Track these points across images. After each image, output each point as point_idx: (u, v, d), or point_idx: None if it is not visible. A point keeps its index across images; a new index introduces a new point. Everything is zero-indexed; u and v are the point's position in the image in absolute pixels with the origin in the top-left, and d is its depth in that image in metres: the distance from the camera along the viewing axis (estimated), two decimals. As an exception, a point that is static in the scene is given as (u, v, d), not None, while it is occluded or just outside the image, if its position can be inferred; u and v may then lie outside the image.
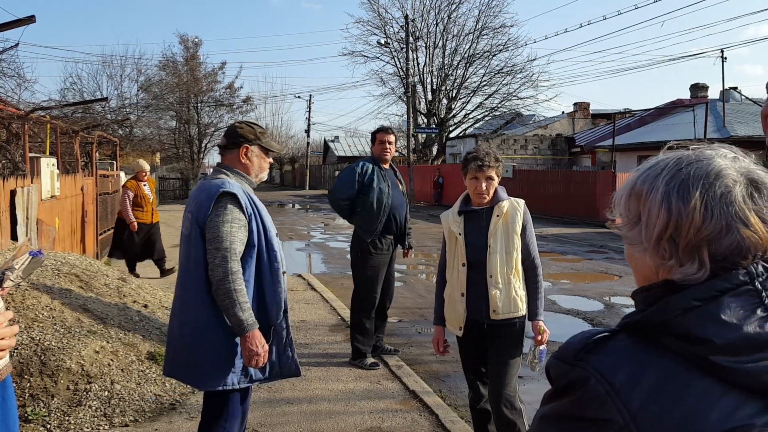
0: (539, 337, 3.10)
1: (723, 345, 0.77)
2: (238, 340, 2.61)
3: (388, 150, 5.18)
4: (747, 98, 25.80)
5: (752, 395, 0.77)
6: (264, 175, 2.93)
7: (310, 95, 50.55)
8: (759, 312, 0.78)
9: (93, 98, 24.03)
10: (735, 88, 27.30)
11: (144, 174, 9.20)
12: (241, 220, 2.63)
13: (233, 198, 2.63)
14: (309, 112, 51.06)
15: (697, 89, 29.64)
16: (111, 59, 30.38)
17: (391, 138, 5.21)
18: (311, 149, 53.97)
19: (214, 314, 2.61)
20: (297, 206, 29.42)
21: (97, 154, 12.45)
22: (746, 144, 17.85)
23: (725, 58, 23.58)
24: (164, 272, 9.23)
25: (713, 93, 28.09)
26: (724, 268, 0.82)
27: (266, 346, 2.61)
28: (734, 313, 0.78)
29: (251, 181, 2.85)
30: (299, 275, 9.48)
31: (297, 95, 63.48)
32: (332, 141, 57.49)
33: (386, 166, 5.21)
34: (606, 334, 0.86)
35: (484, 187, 3.09)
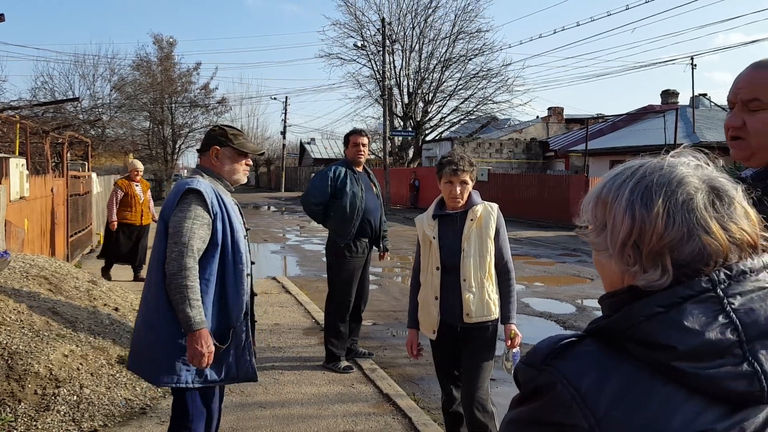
0: (509, 342, 3.13)
1: (685, 351, 0.78)
2: None
3: (362, 153, 5.17)
4: (716, 105, 26.39)
5: (714, 401, 0.78)
6: (238, 177, 2.91)
7: (286, 97, 50.34)
8: (720, 318, 0.79)
9: (65, 98, 23.61)
10: (704, 95, 27.92)
11: (137, 173, 9.06)
12: (204, 217, 2.63)
13: (198, 195, 2.64)
14: (285, 113, 50.69)
15: (668, 95, 30.24)
16: (83, 58, 30.02)
17: (365, 140, 5.20)
18: (287, 151, 53.76)
19: (170, 310, 2.60)
20: (272, 208, 29.25)
21: (69, 154, 12.23)
22: (714, 150, 18.22)
23: (695, 65, 24.11)
24: (138, 279, 8.95)
25: (683, 99, 28.68)
26: (686, 275, 0.83)
27: (212, 347, 2.58)
28: (696, 319, 0.79)
29: (226, 182, 2.85)
30: (273, 278, 9.43)
31: (273, 97, 63.08)
32: (308, 143, 57.29)
33: (360, 169, 5.20)
34: (573, 339, 0.87)
35: (459, 191, 3.11)
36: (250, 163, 2.96)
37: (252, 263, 3.01)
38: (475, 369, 3.13)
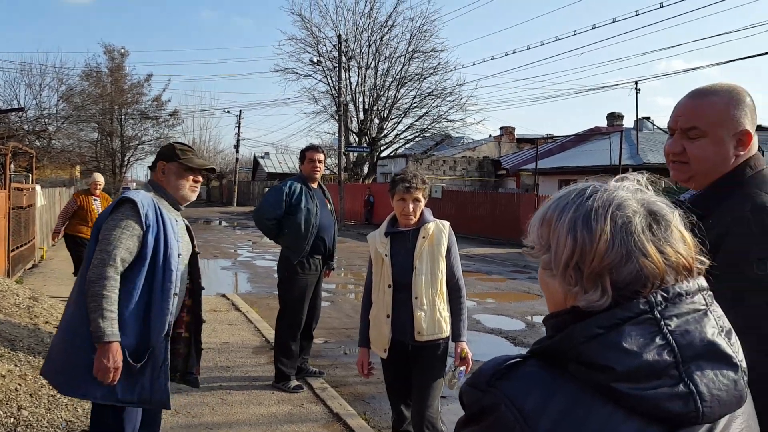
0: (458, 361, 3.16)
1: (623, 372, 0.79)
2: None
3: (318, 169, 5.14)
4: (658, 128, 27.45)
5: (652, 422, 0.80)
6: (184, 193, 2.85)
7: (240, 110, 49.83)
8: (657, 340, 0.81)
9: (9, 107, 22.76)
10: (648, 118, 29.03)
11: (96, 187, 8.58)
12: (135, 228, 2.57)
13: (132, 206, 2.59)
14: (238, 127, 50.14)
15: (614, 118, 31.33)
16: (30, 67, 29.02)
17: (321, 157, 5.18)
18: (240, 165, 53.05)
19: (85, 317, 2.52)
20: (224, 223, 28.77)
21: (12, 166, 11.77)
22: (657, 171, 18.91)
23: (639, 90, 25.02)
24: None
25: (628, 122, 29.69)
26: (625, 297, 0.84)
27: (119, 363, 2.48)
28: (634, 341, 0.80)
29: (173, 198, 2.80)
30: (223, 295, 9.25)
31: (226, 110, 62.20)
32: (262, 157, 56.72)
33: (315, 185, 5.18)
34: (517, 359, 0.88)
35: (411, 209, 3.13)
36: (199, 179, 2.90)
37: (200, 287, 2.94)
38: (425, 387, 3.13)
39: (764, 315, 1.44)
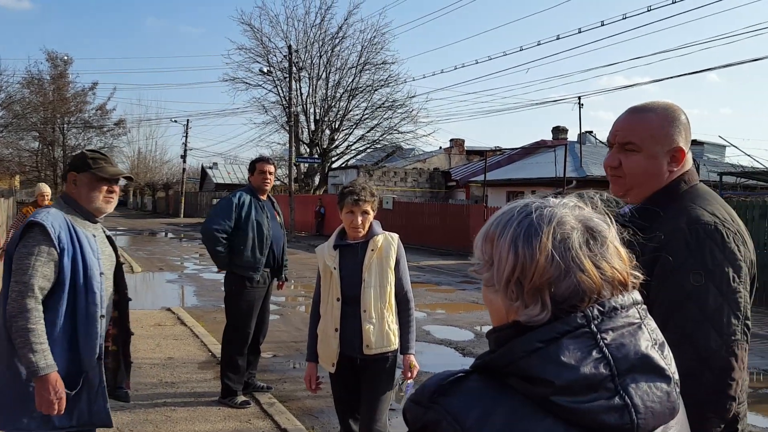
0: (409, 373, 3.15)
1: (562, 385, 0.80)
2: None
3: (268, 180, 5.06)
4: (601, 141, 28.38)
5: None
6: (98, 206, 2.64)
7: (188, 120, 48.69)
8: (594, 353, 0.82)
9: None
10: (590, 132, 30.01)
11: (44, 198, 7.90)
12: (50, 254, 2.41)
13: (42, 229, 2.41)
14: (186, 137, 49.04)
15: (558, 131, 32.26)
16: (-35, 73, 27.73)
17: (271, 168, 5.10)
18: (188, 176, 52.03)
19: (13, 351, 2.39)
20: (170, 235, 28.08)
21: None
22: (600, 183, 19.57)
23: (582, 105, 25.85)
24: None
25: (572, 135, 30.60)
26: (564, 311, 0.86)
27: (62, 393, 2.38)
28: (572, 354, 0.82)
29: (86, 211, 2.61)
30: (168, 309, 9.01)
31: (174, 119, 60.86)
32: (210, 167, 55.76)
33: (264, 197, 5.11)
34: (460, 375, 0.88)
35: (360, 221, 3.12)
36: (114, 189, 2.69)
37: (128, 299, 2.81)
38: (373, 401, 3.11)
39: (699, 325, 1.48)
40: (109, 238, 2.76)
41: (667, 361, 0.88)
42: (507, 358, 0.85)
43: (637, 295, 0.91)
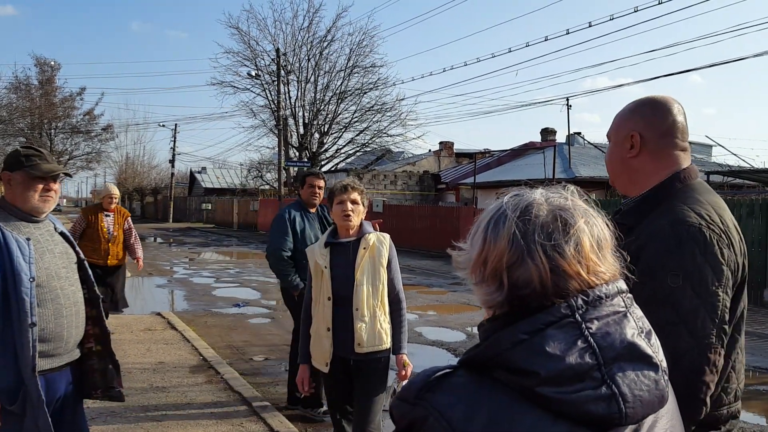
0: (403, 372, 3.14)
1: (547, 376, 0.80)
2: None
3: (318, 194, 4.98)
4: (589, 143, 28.52)
5: (579, 425, 0.80)
6: (33, 205, 2.51)
7: (176, 124, 48.46)
8: (579, 343, 0.82)
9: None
10: (579, 133, 30.11)
11: (111, 201, 7.05)
12: None
13: None
14: (174, 141, 48.82)
15: (547, 133, 32.40)
16: (-50, 78, 27.46)
17: (321, 183, 5.00)
18: (176, 180, 51.74)
19: None
20: (159, 240, 27.90)
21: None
22: (589, 184, 19.67)
23: (570, 106, 25.96)
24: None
25: (561, 137, 30.74)
26: (521, 297, 0.86)
27: None
28: (557, 344, 0.81)
29: (23, 212, 2.49)
30: (158, 314, 8.94)
31: (161, 124, 60.74)
32: (199, 172, 55.53)
33: (313, 211, 5.03)
34: (447, 370, 0.88)
35: (350, 208, 3.12)
36: (52, 187, 2.56)
37: (97, 295, 2.69)
38: (366, 402, 3.10)
39: (673, 327, 1.47)
40: (62, 234, 2.65)
41: (654, 348, 0.87)
42: (492, 350, 0.85)
43: (622, 284, 0.91)
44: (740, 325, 1.64)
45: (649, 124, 1.70)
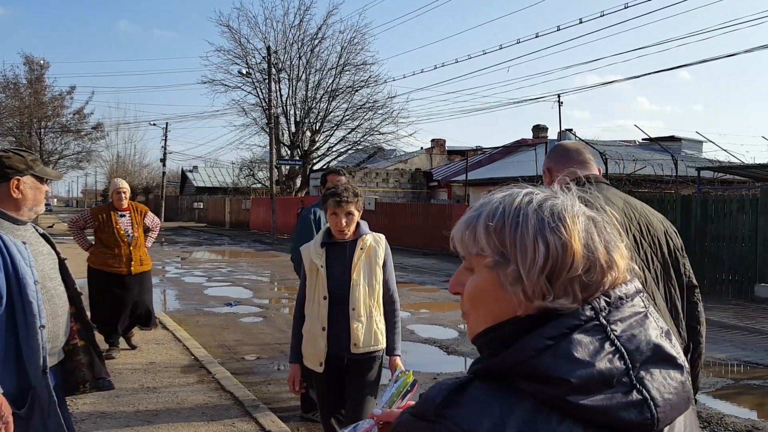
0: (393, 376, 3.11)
1: (578, 384, 0.75)
2: None
3: None
4: (581, 139, 28.57)
5: None
6: (40, 209, 2.58)
7: (167, 123, 48.13)
8: (607, 347, 0.78)
9: None
10: (570, 130, 30.19)
11: (121, 197, 6.20)
12: None
13: None
14: (165, 140, 48.48)
15: (539, 130, 32.47)
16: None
17: (343, 180, 5.00)
18: (167, 179, 51.45)
19: None
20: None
21: None
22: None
23: (561, 103, 26.03)
24: (129, 343, 6.55)
25: (552, 134, 30.79)
26: (584, 300, 0.82)
27: (8, 417, 2.22)
28: (585, 349, 0.77)
29: (15, 218, 2.49)
30: (150, 313, 8.89)
31: (152, 122, 60.25)
32: (190, 171, 55.31)
33: None
34: (462, 382, 0.83)
35: (344, 223, 3.07)
36: (48, 189, 2.65)
37: (78, 293, 2.69)
38: (359, 402, 3.08)
39: None
40: (44, 235, 2.65)
41: (676, 349, 0.84)
42: (515, 358, 0.79)
43: (638, 284, 0.88)
44: None
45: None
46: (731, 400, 5.67)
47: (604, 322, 0.80)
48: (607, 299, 0.82)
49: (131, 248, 6.20)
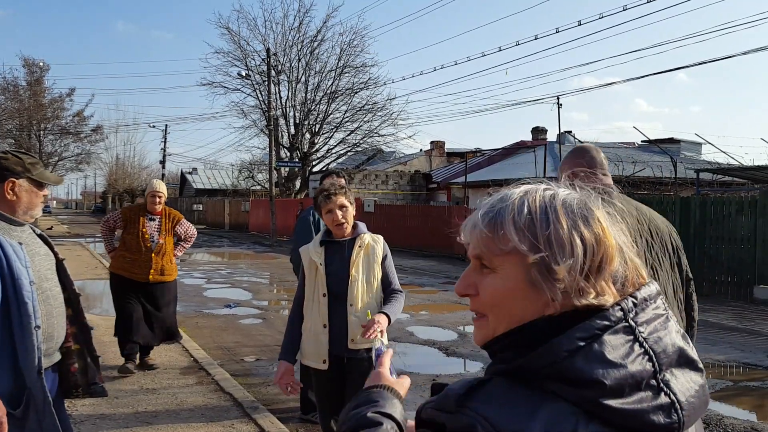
0: (371, 324, 2.92)
1: (612, 386, 0.74)
2: None
3: None
4: (579, 141, 28.64)
5: None
6: (36, 212, 2.57)
7: (166, 125, 48.19)
8: (637, 348, 0.77)
9: None
10: (569, 132, 30.24)
11: (156, 201, 5.80)
12: None
13: None
14: (164, 142, 48.57)
15: (538, 132, 32.49)
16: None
17: (342, 182, 5.00)
18: (167, 181, 51.47)
19: None
20: (150, 241, 27.76)
21: None
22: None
23: (560, 105, 26.05)
24: (147, 364, 5.97)
25: (551, 136, 30.82)
26: (595, 307, 0.81)
27: (2, 417, 2.23)
28: (616, 351, 0.76)
29: (12, 219, 2.48)
30: (150, 315, 8.88)
31: (151, 125, 60.37)
32: (190, 173, 55.32)
33: None
34: (484, 379, 0.83)
35: (341, 216, 3.10)
36: (47, 193, 2.63)
37: (76, 294, 2.69)
38: (358, 401, 3.07)
39: None
40: (41, 236, 2.65)
41: (695, 352, 0.83)
42: (546, 359, 0.77)
43: (657, 285, 0.87)
44: None
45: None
46: (730, 402, 5.68)
47: (633, 323, 0.79)
48: (634, 300, 0.81)
49: (153, 255, 5.75)
